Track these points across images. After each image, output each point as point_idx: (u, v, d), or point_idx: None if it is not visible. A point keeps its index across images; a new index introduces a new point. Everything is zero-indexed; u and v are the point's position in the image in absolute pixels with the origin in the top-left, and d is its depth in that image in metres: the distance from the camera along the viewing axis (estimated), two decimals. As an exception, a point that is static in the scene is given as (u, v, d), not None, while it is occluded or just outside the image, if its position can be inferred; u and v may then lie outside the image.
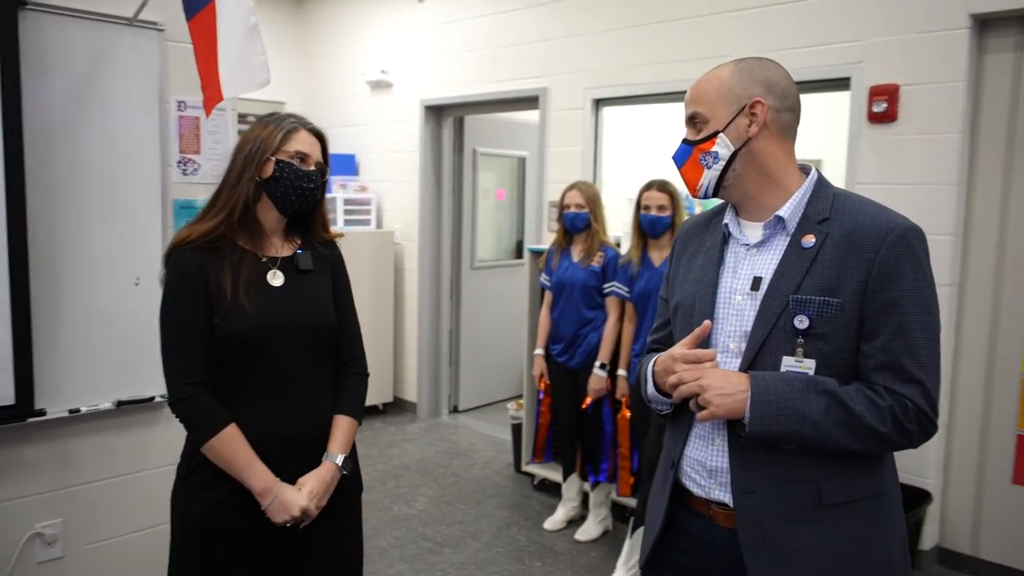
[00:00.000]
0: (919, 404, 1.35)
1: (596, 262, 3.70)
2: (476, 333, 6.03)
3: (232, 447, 1.68)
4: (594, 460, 3.83)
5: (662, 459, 1.64)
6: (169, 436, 2.72)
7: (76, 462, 2.55)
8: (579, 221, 3.74)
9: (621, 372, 3.63)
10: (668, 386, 1.45)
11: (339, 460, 1.79)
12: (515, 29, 5.06)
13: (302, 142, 1.79)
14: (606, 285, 3.66)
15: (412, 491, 4.39)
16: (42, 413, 2.41)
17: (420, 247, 5.78)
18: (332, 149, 1.92)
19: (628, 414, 3.62)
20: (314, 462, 1.78)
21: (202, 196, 2.77)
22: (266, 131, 1.77)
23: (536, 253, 4.37)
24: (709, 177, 1.48)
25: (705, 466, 1.48)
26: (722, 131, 1.45)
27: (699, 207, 3.94)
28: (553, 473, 4.30)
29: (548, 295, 3.93)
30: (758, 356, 1.40)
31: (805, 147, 1.53)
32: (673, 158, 1.55)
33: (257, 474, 1.69)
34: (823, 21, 3.71)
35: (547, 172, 4.95)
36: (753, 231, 1.50)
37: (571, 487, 3.98)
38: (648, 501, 1.66)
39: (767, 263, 1.45)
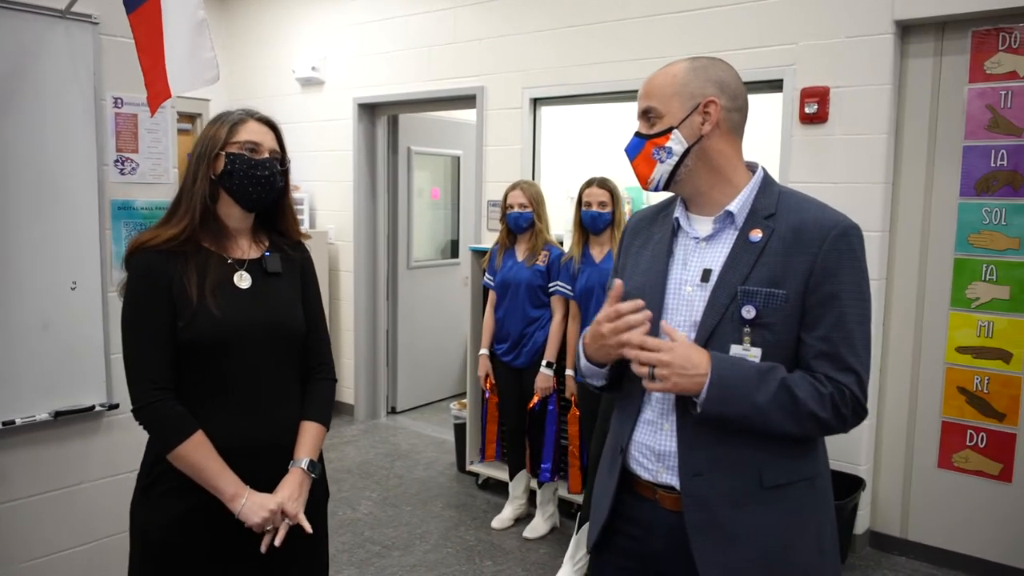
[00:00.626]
0: (854, 391, 1.43)
1: (541, 261, 3.72)
2: (413, 333, 5.99)
3: (201, 453, 1.63)
4: (539, 459, 3.86)
5: (608, 445, 1.67)
6: (111, 447, 2.63)
7: (10, 477, 2.42)
8: (523, 221, 3.75)
9: (569, 372, 3.66)
10: (616, 348, 1.46)
11: (305, 465, 1.75)
12: (451, 27, 5.04)
13: (251, 132, 1.74)
14: (551, 284, 3.69)
15: (355, 494, 4.33)
16: (-25, 426, 2.29)
17: (355, 247, 5.70)
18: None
19: (578, 412, 3.66)
20: (282, 469, 1.73)
21: (141, 196, 2.68)
22: (214, 128, 1.73)
23: (478, 252, 4.37)
24: (661, 171, 1.53)
25: (653, 450, 1.53)
26: (676, 127, 1.50)
27: (647, 200, 4.00)
28: (497, 472, 4.31)
29: (492, 295, 3.93)
30: (707, 344, 1.46)
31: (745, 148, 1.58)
32: (625, 150, 1.58)
33: (227, 480, 1.64)
34: (756, 25, 3.82)
35: (485, 171, 4.95)
36: (703, 225, 1.55)
37: (518, 485, 4.00)
38: (594, 487, 1.70)
39: (716, 256, 1.51)
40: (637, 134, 1.56)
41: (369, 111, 5.62)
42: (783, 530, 1.46)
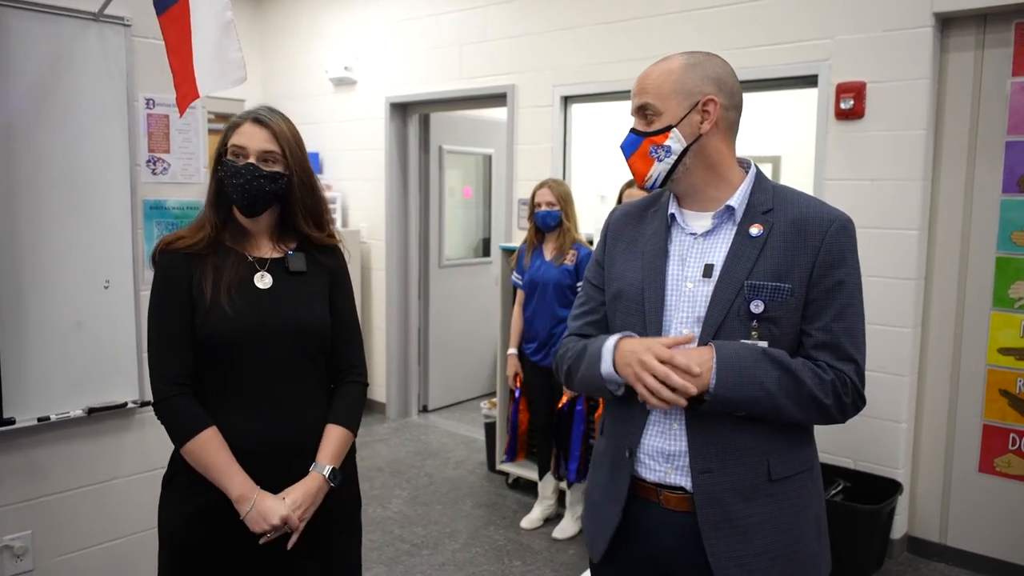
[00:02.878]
0: (854, 380, 1.45)
1: (569, 261, 3.69)
2: (445, 332, 6.00)
3: (210, 450, 1.63)
4: (568, 459, 3.83)
5: (606, 450, 1.63)
6: (143, 443, 2.66)
7: (46, 472, 2.47)
8: (551, 219, 3.73)
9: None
10: (637, 380, 1.43)
11: (326, 471, 1.71)
12: (482, 26, 5.04)
13: (241, 135, 1.71)
14: (580, 283, 3.66)
15: (386, 492, 4.34)
16: (11, 422, 2.33)
17: (387, 246, 5.73)
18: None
19: (604, 411, 3.63)
20: (301, 473, 1.71)
21: (172, 196, 2.71)
22: (223, 132, 1.74)
23: (508, 251, 4.36)
24: (659, 169, 1.52)
25: (663, 452, 1.52)
26: (675, 126, 1.49)
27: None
28: (527, 472, 4.29)
29: (520, 294, 3.92)
30: (714, 339, 1.45)
31: (765, 144, 1.57)
32: (621, 147, 1.57)
33: (235, 479, 1.63)
34: (791, 19, 3.75)
35: (516, 169, 4.93)
36: (699, 221, 1.55)
37: (547, 485, 3.98)
38: (591, 495, 1.68)
39: (717, 251, 1.51)
40: (633, 131, 1.55)
41: (401, 110, 5.64)
42: (789, 519, 1.48)
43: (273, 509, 1.62)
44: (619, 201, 3.49)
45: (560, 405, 3.74)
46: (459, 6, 5.13)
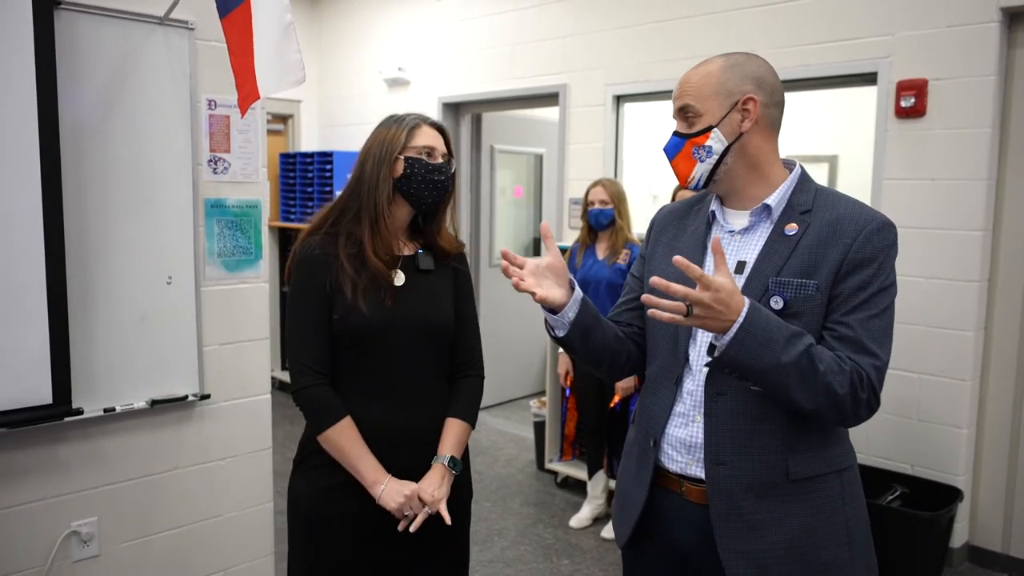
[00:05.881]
0: (871, 377, 1.40)
1: (622, 259, 3.68)
2: (495, 331, 6.02)
3: (347, 438, 1.75)
4: (619, 458, 3.82)
5: (634, 440, 1.67)
6: (202, 436, 2.74)
7: (111, 461, 2.55)
8: (604, 218, 3.73)
9: (648, 370, 3.61)
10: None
11: (447, 461, 1.80)
12: (534, 25, 5.05)
13: (426, 136, 1.83)
14: (632, 282, 3.65)
15: (435, 489, 4.38)
16: (79, 412, 2.41)
17: (438, 245, 5.76)
18: (347, 147, 1.94)
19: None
20: (424, 462, 1.80)
21: (232, 195, 2.77)
22: (390, 132, 1.82)
23: (560, 250, 4.35)
24: (701, 170, 1.53)
25: (685, 443, 1.53)
26: (716, 126, 1.50)
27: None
28: (576, 471, 4.29)
29: (571, 292, 3.91)
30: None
31: (821, 143, 1.56)
32: (664, 150, 1.59)
33: (369, 465, 1.75)
34: (850, 16, 3.68)
35: (568, 169, 4.93)
36: (737, 218, 1.56)
37: (597, 485, 3.97)
38: (620, 482, 1.71)
39: (751, 248, 1.52)
40: (676, 133, 1.57)
41: (453, 110, 5.68)
42: (808, 522, 1.46)
43: (403, 486, 1.75)
44: (672, 201, 3.47)
45: (613, 404, 3.73)
46: (512, 6, 5.15)
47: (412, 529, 1.74)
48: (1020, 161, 3.39)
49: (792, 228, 1.48)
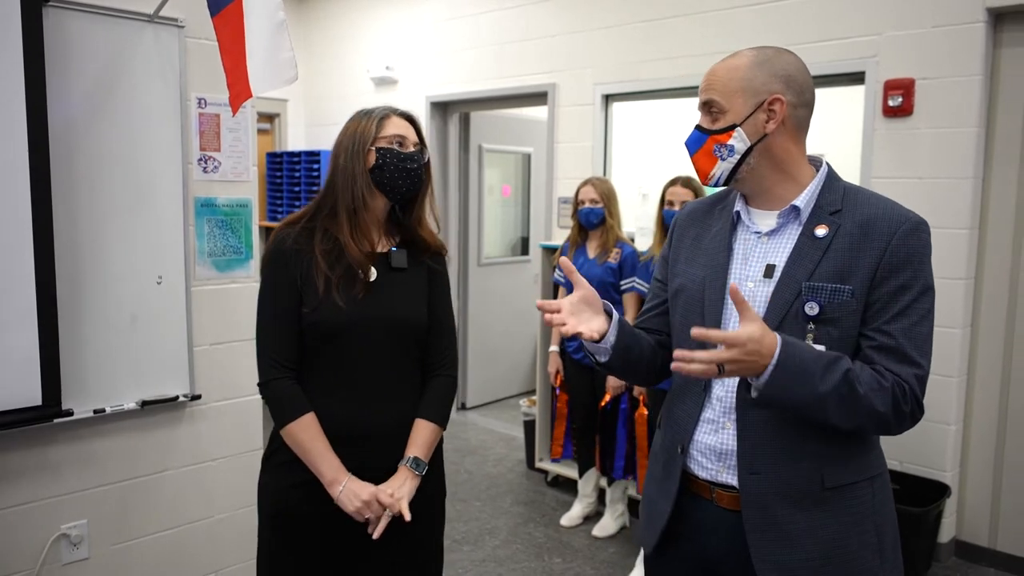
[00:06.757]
0: (914, 388, 1.38)
1: (613, 258, 3.69)
2: (483, 330, 6.02)
3: (308, 435, 1.73)
4: (611, 457, 3.83)
5: (661, 446, 1.64)
6: (193, 436, 2.72)
7: (101, 462, 2.53)
8: (594, 217, 3.73)
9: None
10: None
11: (410, 463, 1.77)
12: (522, 24, 5.05)
13: (397, 126, 1.82)
14: (624, 281, 3.65)
15: (426, 489, 4.37)
16: (69, 413, 2.39)
17: (427, 244, 5.75)
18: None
19: (646, 412, 3.61)
20: (391, 461, 1.78)
21: (223, 194, 2.76)
22: (360, 125, 1.82)
23: (549, 249, 4.36)
24: (723, 168, 1.49)
25: (715, 450, 1.50)
26: (739, 125, 1.45)
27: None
28: (567, 469, 4.30)
29: (563, 292, 3.92)
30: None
31: (808, 142, 1.54)
32: (686, 144, 1.55)
33: (329, 463, 1.72)
34: (837, 16, 3.71)
35: (556, 168, 4.94)
36: (764, 220, 1.52)
37: (587, 483, 3.98)
38: (646, 487, 1.68)
39: (779, 251, 1.48)
40: (698, 128, 1.52)
41: (441, 109, 5.67)
42: (842, 530, 1.43)
43: (362, 487, 1.71)
44: (662, 200, 3.47)
45: (603, 404, 3.73)
46: (500, 5, 5.15)
47: (375, 535, 1.71)
48: (1005, 160, 3.43)
49: (822, 230, 1.44)
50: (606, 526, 3.83)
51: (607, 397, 3.70)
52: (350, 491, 1.71)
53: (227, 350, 2.77)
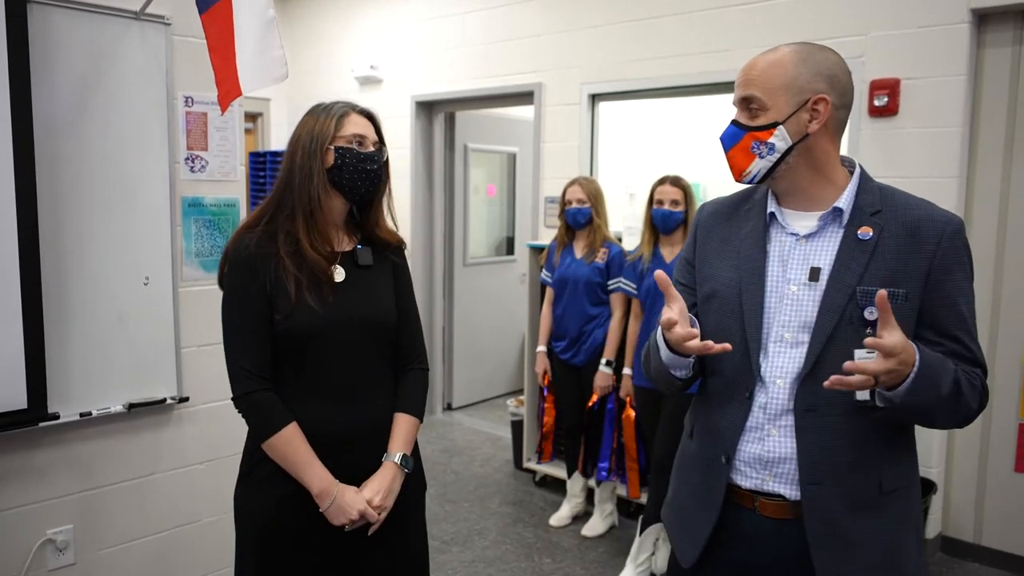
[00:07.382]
0: (986, 386, 1.43)
1: (600, 258, 3.69)
2: (469, 330, 6.00)
3: (292, 446, 1.67)
4: (596, 458, 3.83)
5: (696, 456, 1.59)
6: (181, 439, 2.69)
7: (87, 466, 2.49)
8: (581, 217, 3.73)
9: (627, 371, 3.61)
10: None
11: (398, 459, 1.76)
12: (508, 24, 5.03)
13: (356, 124, 1.76)
14: (611, 281, 3.66)
15: (413, 490, 4.35)
16: (55, 417, 2.35)
17: (412, 244, 5.73)
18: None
19: (632, 414, 3.61)
20: (374, 459, 1.75)
21: (210, 194, 2.73)
22: (318, 122, 1.75)
23: (536, 249, 4.36)
24: (760, 166, 1.45)
25: (761, 459, 1.47)
26: (782, 123, 1.42)
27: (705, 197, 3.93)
28: (555, 469, 4.29)
29: (549, 291, 3.92)
30: (826, 347, 1.40)
31: None
32: (720, 139, 1.50)
33: (316, 474, 1.67)
34: (823, 16, 3.73)
35: (543, 168, 4.93)
36: (802, 221, 1.48)
37: (576, 483, 3.98)
38: (679, 499, 1.63)
39: (822, 254, 1.45)
40: (735, 123, 1.47)
41: (427, 109, 5.65)
42: (895, 534, 1.44)
43: (352, 502, 1.67)
44: (650, 199, 3.46)
45: (590, 404, 3.73)
46: (485, 4, 5.14)
47: (371, 533, 1.70)
48: (990, 159, 3.47)
49: (866, 232, 1.42)
50: (595, 526, 3.83)
51: (594, 397, 3.70)
52: (337, 508, 1.67)
53: (215, 352, 2.69)
